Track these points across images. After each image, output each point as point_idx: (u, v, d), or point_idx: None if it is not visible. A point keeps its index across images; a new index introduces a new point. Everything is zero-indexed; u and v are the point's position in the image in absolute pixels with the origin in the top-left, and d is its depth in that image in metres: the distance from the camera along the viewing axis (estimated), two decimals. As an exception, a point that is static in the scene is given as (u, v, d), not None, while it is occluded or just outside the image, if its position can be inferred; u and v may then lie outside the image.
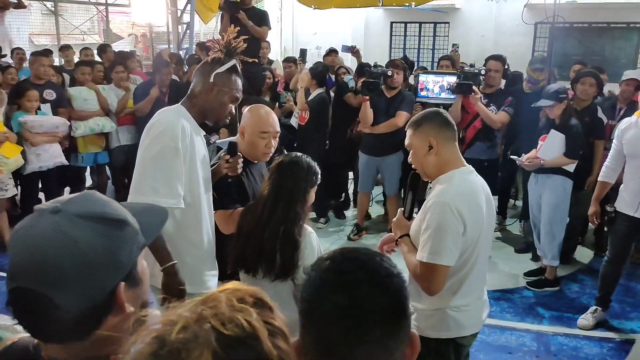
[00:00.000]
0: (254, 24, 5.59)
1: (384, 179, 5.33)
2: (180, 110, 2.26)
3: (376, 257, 1.00)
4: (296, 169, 2.18)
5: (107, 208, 0.98)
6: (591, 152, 4.64)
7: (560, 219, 4.38)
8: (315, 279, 0.98)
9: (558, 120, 4.25)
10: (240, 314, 0.75)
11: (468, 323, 2.20)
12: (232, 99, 2.30)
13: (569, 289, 4.49)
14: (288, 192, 2.14)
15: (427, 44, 13.81)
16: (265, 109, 2.65)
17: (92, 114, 5.67)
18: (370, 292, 0.93)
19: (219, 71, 2.24)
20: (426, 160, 2.16)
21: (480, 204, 2.11)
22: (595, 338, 3.74)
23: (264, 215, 2.14)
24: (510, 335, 3.75)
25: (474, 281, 2.17)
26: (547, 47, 8.23)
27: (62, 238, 0.90)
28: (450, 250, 2.02)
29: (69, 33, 10.69)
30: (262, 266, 2.13)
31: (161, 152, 2.10)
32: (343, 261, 0.99)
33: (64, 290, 0.89)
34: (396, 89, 5.07)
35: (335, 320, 0.91)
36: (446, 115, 2.20)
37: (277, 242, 2.10)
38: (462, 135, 4.99)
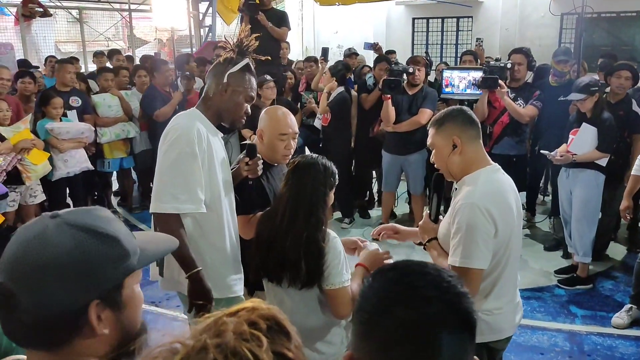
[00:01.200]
0: (273, 25, 5.59)
1: (408, 178, 5.27)
2: (195, 113, 2.25)
3: (445, 273, 0.92)
4: (313, 172, 2.10)
5: (102, 223, 0.97)
6: (626, 146, 4.49)
7: (592, 215, 4.26)
8: (378, 289, 0.90)
9: (590, 113, 4.13)
10: (246, 345, 0.69)
11: (501, 327, 2.13)
12: (247, 98, 2.27)
13: (602, 287, 4.36)
14: (307, 197, 2.06)
15: (450, 39, 13.62)
16: (283, 110, 2.61)
17: (116, 119, 5.76)
18: (442, 310, 0.85)
19: (232, 71, 2.22)
20: (450, 160, 2.09)
21: (510, 203, 2.04)
22: (631, 337, 3.62)
23: (284, 223, 2.06)
24: (542, 335, 3.66)
25: (506, 283, 2.10)
26: (575, 39, 8.04)
27: (44, 241, 0.91)
28: (483, 253, 1.95)
29: (94, 40, 10.86)
30: (286, 275, 2.07)
31: (178, 158, 2.09)
32: (411, 273, 0.91)
33: (29, 290, 0.90)
34: (418, 86, 5.00)
35: (400, 338, 0.83)
36: (470, 113, 2.12)
37: (300, 250, 2.03)
38: (489, 131, 4.89)
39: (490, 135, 4.89)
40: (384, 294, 0.89)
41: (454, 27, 13.58)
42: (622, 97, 4.50)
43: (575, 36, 6.98)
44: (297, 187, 2.08)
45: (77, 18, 10.09)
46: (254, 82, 2.30)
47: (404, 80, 4.95)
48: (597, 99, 4.11)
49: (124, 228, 1.02)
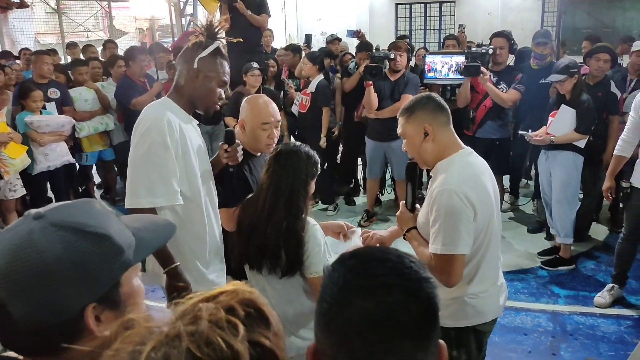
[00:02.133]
0: (252, 13, 5.53)
1: (392, 164, 5.27)
2: (167, 102, 2.19)
3: (406, 259, 0.90)
4: (296, 161, 2.07)
5: (91, 220, 0.91)
6: (605, 128, 4.53)
7: (572, 196, 4.30)
8: (338, 279, 0.87)
9: (569, 95, 4.16)
10: (221, 334, 0.66)
11: (487, 309, 2.14)
12: (220, 83, 2.20)
13: (584, 267, 4.41)
14: (288, 186, 2.04)
15: (434, 25, 13.61)
16: (264, 98, 2.57)
17: (94, 113, 5.67)
18: (402, 299, 0.83)
19: (202, 56, 2.13)
20: (423, 148, 2.08)
21: (486, 185, 2.03)
22: (613, 316, 3.67)
23: (265, 211, 2.04)
24: (526, 316, 3.70)
25: (489, 266, 2.11)
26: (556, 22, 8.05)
27: (30, 246, 0.86)
28: (464, 239, 1.94)
29: (73, 31, 10.70)
30: (266, 263, 2.06)
31: (150, 150, 2.03)
32: (371, 261, 0.89)
33: (20, 300, 0.85)
34: (400, 71, 4.98)
35: (360, 328, 0.82)
36: (439, 99, 2.11)
37: (280, 239, 2.02)
38: (472, 115, 4.90)
39: (473, 120, 4.89)
40: (343, 283, 0.86)
41: (437, 12, 13.58)
42: (600, 79, 4.52)
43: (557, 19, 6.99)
44: (278, 175, 2.06)
45: (55, 9, 9.93)
46: (226, 66, 2.22)
47: (386, 67, 4.92)
48: (577, 81, 4.13)
49: (115, 220, 0.97)
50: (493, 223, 2.06)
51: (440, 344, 0.89)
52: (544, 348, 3.37)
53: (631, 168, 3.74)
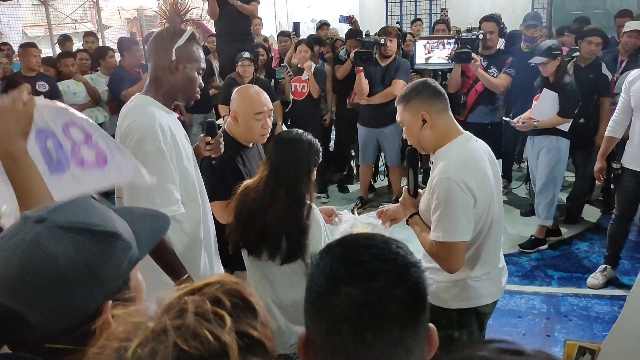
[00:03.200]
0: (242, 2, 5.48)
1: (385, 150, 5.27)
2: (148, 102, 2.02)
3: (392, 245, 0.91)
4: (298, 148, 2.06)
5: (95, 219, 0.90)
6: (597, 109, 4.53)
7: (556, 179, 4.32)
8: (325, 267, 0.88)
9: (552, 77, 4.14)
10: (207, 326, 0.66)
11: (488, 291, 2.16)
12: (199, 69, 2.09)
13: (578, 249, 4.44)
14: (290, 172, 2.03)
15: (424, 9, 13.54)
16: (255, 88, 2.54)
17: (83, 106, 5.60)
18: (389, 284, 0.84)
19: (179, 45, 1.99)
20: (422, 135, 2.08)
21: (485, 171, 2.04)
22: (606, 296, 3.71)
23: (266, 198, 2.03)
24: (520, 298, 3.72)
25: (491, 249, 2.13)
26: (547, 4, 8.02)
27: (41, 252, 0.83)
28: (464, 226, 1.95)
29: (60, 23, 10.56)
30: (265, 250, 2.06)
31: (146, 161, 1.86)
32: (357, 248, 0.90)
33: (38, 308, 0.82)
34: (390, 57, 4.96)
35: (348, 315, 0.82)
36: (435, 85, 2.10)
37: (281, 226, 2.01)
38: (463, 100, 4.90)
39: (465, 105, 4.89)
40: (330, 271, 0.87)
41: (427, -4, 13.48)
42: (592, 60, 4.52)
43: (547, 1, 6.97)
44: (280, 162, 2.06)
45: (42, 1, 9.80)
46: (201, 51, 2.12)
47: (376, 52, 4.90)
48: (560, 63, 4.10)
49: (115, 215, 0.95)
50: (493, 207, 2.06)
51: (430, 327, 0.90)
52: (539, 330, 3.40)
53: (622, 149, 3.76)
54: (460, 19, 8.81)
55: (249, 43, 5.77)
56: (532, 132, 4.30)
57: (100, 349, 0.68)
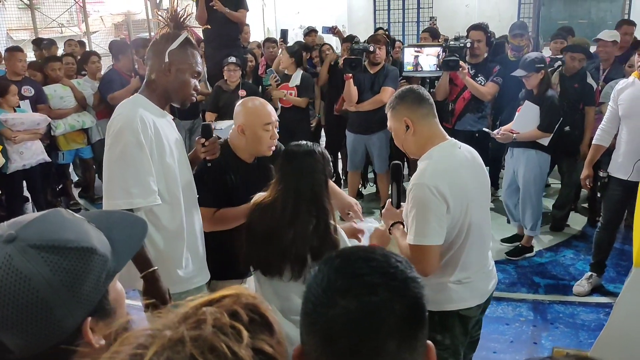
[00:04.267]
0: (230, 9, 5.48)
1: (373, 157, 5.27)
2: (138, 100, 2.11)
3: (392, 259, 0.89)
4: (312, 161, 2.02)
5: (69, 234, 0.86)
6: (582, 118, 4.58)
7: (537, 193, 4.35)
8: (322, 279, 0.86)
9: (536, 90, 4.17)
10: (225, 340, 0.65)
11: (471, 295, 2.18)
12: (194, 73, 2.14)
13: (564, 256, 4.48)
14: (309, 188, 1.99)
15: (412, 17, 13.64)
16: (260, 100, 2.52)
17: (70, 111, 5.57)
18: (387, 298, 0.82)
19: (172, 48, 2.07)
20: (406, 140, 2.15)
21: (462, 177, 2.06)
22: (592, 304, 3.73)
23: (286, 216, 1.99)
24: (507, 306, 3.73)
25: (472, 253, 2.14)
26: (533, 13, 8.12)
27: (13, 274, 0.80)
28: (435, 230, 1.99)
29: (46, 27, 10.49)
30: (288, 269, 2.02)
31: (124, 150, 1.96)
32: (356, 261, 0.88)
33: (15, 332, 0.80)
34: (379, 64, 4.98)
35: (344, 328, 0.81)
36: (420, 92, 2.15)
37: (307, 243, 1.98)
38: (451, 108, 4.92)
39: (453, 112, 4.91)
40: (328, 283, 0.85)
41: (414, 5, 13.60)
42: (577, 70, 4.57)
43: (534, 10, 7.05)
44: (296, 178, 2.01)
45: (28, 4, 9.72)
46: (198, 55, 2.16)
47: (365, 59, 4.92)
48: (543, 76, 4.12)
49: (89, 227, 0.92)
50: (470, 213, 2.08)
51: (429, 344, 0.89)
52: (526, 337, 3.41)
53: (608, 158, 3.79)
54: (448, 28, 8.90)
55: (237, 49, 5.76)
56: (512, 144, 4.32)
57: (113, 354, 0.67)
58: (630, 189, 3.60)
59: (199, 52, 2.21)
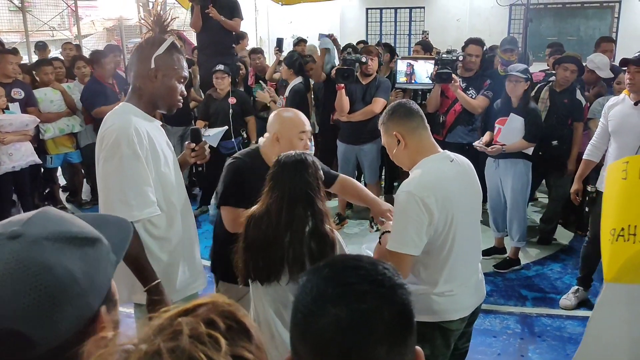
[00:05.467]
0: (225, 17, 5.50)
1: (364, 167, 5.30)
2: (127, 108, 2.06)
3: (379, 266, 0.91)
4: (305, 168, 2.05)
5: (71, 226, 0.87)
6: (571, 133, 4.64)
7: (524, 201, 4.41)
8: (311, 289, 0.87)
9: (517, 101, 4.24)
10: (202, 349, 0.64)
11: (453, 308, 2.17)
12: (180, 78, 2.11)
13: (551, 270, 4.51)
14: (303, 192, 2.01)
15: (404, 30, 13.76)
16: (294, 111, 2.56)
17: (59, 114, 5.54)
18: (376, 305, 0.84)
19: (159, 53, 2.03)
20: (398, 154, 2.20)
21: (449, 189, 2.07)
22: (579, 317, 3.75)
23: (282, 222, 2.00)
24: (495, 318, 3.75)
25: (456, 266, 2.14)
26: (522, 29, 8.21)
27: (34, 266, 0.79)
28: (413, 240, 2.01)
29: (38, 29, 10.43)
30: (286, 272, 2.02)
31: (121, 163, 1.93)
32: (344, 269, 0.90)
33: (41, 325, 0.79)
34: (371, 75, 5.01)
35: (334, 336, 0.82)
36: (409, 106, 2.20)
37: (303, 246, 2.00)
38: (442, 120, 4.96)
39: (444, 124, 4.95)
40: (317, 293, 0.87)
41: (406, 18, 13.72)
42: (567, 86, 4.63)
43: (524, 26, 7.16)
44: (290, 185, 2.03)
45: (20, 7, 9.67)
46: (183, 60, 2.13)
47: (357, 70, 4.94)
48: (527, 88, 4.22)
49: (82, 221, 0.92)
50: (456, 226, 2.08)
51: (417, 350, 0.90)
52: (513, 350, 3.43)
53: (596, 174, 3.84)
54: (439, 42, 8.96)
55: (231, 57, 5.78)
56: (497, 155, 4.36)
57: None
58: (617, 204, 3.64)
59: (184, 56, 2.19)
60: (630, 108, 3.51)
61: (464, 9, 12.78)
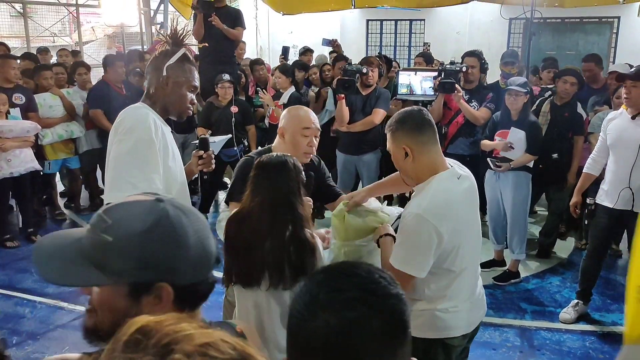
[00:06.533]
0: (228, 26, 5.52)
1: (363, 177, 5.28)
2: (145, 106, 2.19)
3: (375, 274, 0.91)
4: (286, 171, 2.05)
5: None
6: (571, 147, 4.66)
7: (525, 213, 4.42)
8: (305, 294, 0.88)
9: (516, 115, 4.26)
10: None
11: (456, 324, 2.14)
12: (190, 88, 2.23)
13: (550, 283, 4.50)
14: (284, 197, 2.01)
15: (404, 42, 13.83)
16: (305, 108, 2.63)
17: (59, 120, 5.55)
18: (365, 314, 0.83)
19: (170, 63, 2.17)
20: (405, 166, 2.09)
21: (458, 211, 2.04)
22: (578, 332, 3.75)
23: (264, 226, 2.00)
24: (494, 331, 3.73)
25: (462, 284, 2.12)
26: (522, 43, 8.27)
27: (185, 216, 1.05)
28: (420, 264, 1.98)
29: (38, 35, 10.45)
30: (266, 278, 2.01)
31: (135, 145, 2.02)
32: (339, 276, 0.90)
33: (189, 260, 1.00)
34: (371, 86, 5.02)
35: (324, 342, 0.82)
36: (421, 117, 2.07)
37: (283, 252, 1.98)
38: (444, 131, 4.97)
39: (446, 136, 4.96)
40: (309, 298, 0.87)
41: (407, 29, 13.79)
42: (567, 100, 4.65)
43: (523, 40, 7.20)
44: (271, 188, 2.03)
45: (21, 12, 9.69)
46: (195, 71, 2.25)
47: (357, 81, 4.95)
48: (526, 101, 4.24)
49: None
50: (464, 246, 2.06)
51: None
52: (512, 363, 3.41)
53: (595, 187, 3.85)
54: (439, 53, 9.02)
55: (232, 66, 5.80)
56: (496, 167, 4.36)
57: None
58: (616, 217, 3.66)
59: (196, 67, 2.28)
60: (628, 122, 3.54)
61: (464, 22, 12.85)
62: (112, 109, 5.46)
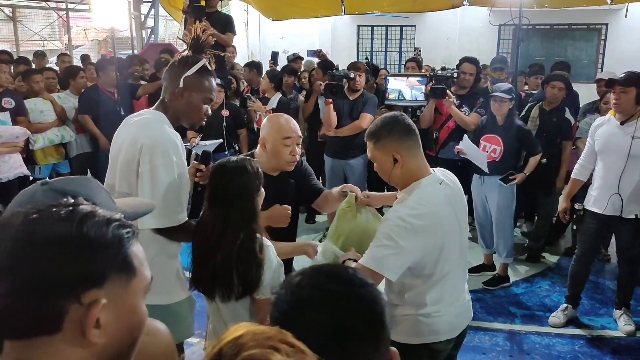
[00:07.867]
0: (218, 31, 5.52)
1: (350, 182, 5.29)
2: (159, 117, 2.14)
3: (348, 269, 0.97)
4: (245, 176, 1.98)
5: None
6: (559, 152, 4.70)
7: (510, 218, 4.45)
8: (286, 295, 0.92)
9: (501, 121, 4.29)
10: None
11: (440, 328, 2.13)
12: (206, 100, 2.17)
13: (540, 288, 4.53)
14: (238, 214, 1.94)
15: (394, 47, 13.90)
16: (285, 116, 2.57)
17: (49, 125, 5.50)
18: (349, 304, 0.89)
19: (188, 74, 2.10)
20: (393, 174, 2.08)
21: (441, 217, 2.03)
22: (567, 335, 3.77)
23: (214, 236, 1.95)
24: (484, 335, 3.75)
25: (444, 289, 2.11)
26: (511, 49, 8.34)
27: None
28: (393, 267, 1.97)
29: (28, 39, 10.40)
30: (217, 290, 1.98)
31: (170, 170, 2.04)
32: (315, 275, 0.95)
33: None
34: (359, 91, 5.04)
35: (315, 338, 0.82)
36: (406, 122, 2.08)
37: (232, 263, 1.92)
38: (435, 136, 5.00)
39: (437, 140, 4.99)
40: (293, 299, 0.92)
41: (397, 35, 13.86)
42: (556, 105, 4.69)
43: (512, 46, 7.28)
44: (224, 195, 1.96)
45: (11, 16, 9.64)
46: (213, 82, 2.18)
47: (345, 86, 4.97)
48: (512, 106, 4.27)
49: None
50: (446, 251, 2.05)
51: (392, 350, 0.95)
52: (502, 367, 3.42)
53: (583, 193, 3.88)
54: (429, 59, 9.07)
55: (222, 71, 5.79)
56: (481, 172, 4.38)
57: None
58: (604, 223, 3.69)
59: (214, 77, 2.23)
60: (616, 128, 3.57)
61: (454, 28, 12.94)
62: (102, 114, 5.46)
